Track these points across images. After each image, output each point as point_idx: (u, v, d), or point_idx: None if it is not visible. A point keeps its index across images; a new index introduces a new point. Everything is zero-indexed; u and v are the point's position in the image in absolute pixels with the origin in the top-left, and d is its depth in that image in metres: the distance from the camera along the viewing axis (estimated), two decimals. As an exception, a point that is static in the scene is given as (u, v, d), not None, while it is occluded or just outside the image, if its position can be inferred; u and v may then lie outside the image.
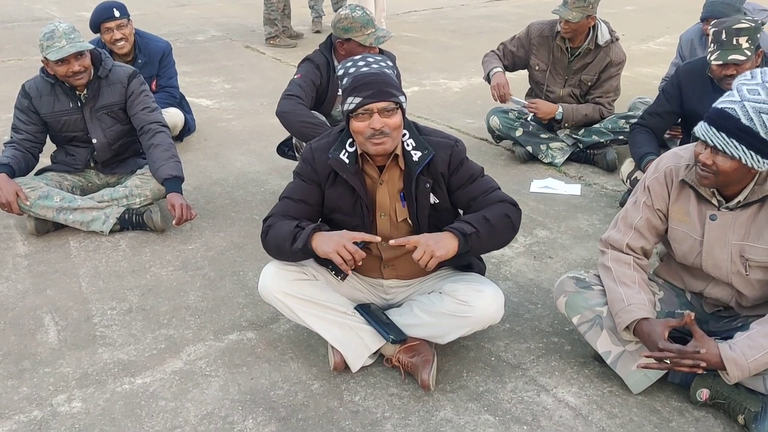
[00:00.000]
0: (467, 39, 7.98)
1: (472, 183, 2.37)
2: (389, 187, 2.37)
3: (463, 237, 2.19)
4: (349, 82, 2.20)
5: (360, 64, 2.22)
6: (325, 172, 2.34)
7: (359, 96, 2.16)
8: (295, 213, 2.38)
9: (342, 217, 2.39)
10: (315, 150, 2.37)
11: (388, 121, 2.18)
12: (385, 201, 2.38)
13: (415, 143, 2.31)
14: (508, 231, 2.31)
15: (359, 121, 2.19)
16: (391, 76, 2.22)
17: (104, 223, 3.45)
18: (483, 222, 2.25)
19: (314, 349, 2.59)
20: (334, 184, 2.35)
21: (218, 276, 3.12)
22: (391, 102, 2.18)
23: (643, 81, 5.87)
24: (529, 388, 2.40)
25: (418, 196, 2.33)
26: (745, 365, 2.06)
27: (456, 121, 5.16)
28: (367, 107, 2.16)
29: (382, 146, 2.21)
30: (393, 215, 2.39)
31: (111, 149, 3.60)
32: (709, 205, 2.23)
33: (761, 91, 1.98)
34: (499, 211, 2.29)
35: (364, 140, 2.21)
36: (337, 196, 2.36)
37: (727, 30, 3.07)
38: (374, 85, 2.16)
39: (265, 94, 5.79)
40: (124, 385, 2.44)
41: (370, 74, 2.18)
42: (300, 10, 8.41)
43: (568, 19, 3.96)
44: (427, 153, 2.30)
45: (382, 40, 3.42)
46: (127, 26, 4.26)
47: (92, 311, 2.87)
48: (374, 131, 2.17)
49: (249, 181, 4.13)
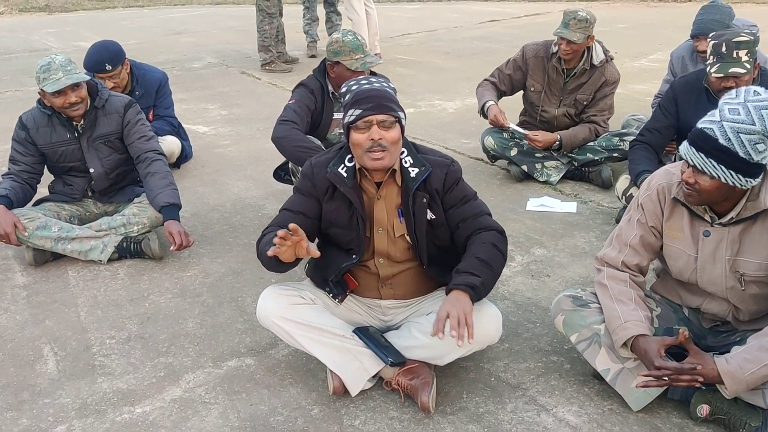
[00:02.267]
0: (461, 60, 8.04)
1: (464, 204, 2.41)
2: (387, 202, 2.40)
3: (472, 290, 2.21)
4: (351, 97, 2.28)
5: (363, 82, 2.31)
6: (324, 186, 2.39)
7: (359, 108, 2.23)
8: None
9: (339, 231, 2.43)
10: (315, 165, 2.42)
11: (386, 134, 2.23)
12: (383, 216, 2.41)
13: (412, 160, 2.37)
14: (500, 263, 2.37)
15: (358, 132, 2.25)
16: (392, 94, 2.31)
17: (102, 252, 3.46)
18: (481, 266, 2.28)
19: (313, 373, 2.58)
20: (332, 198, 2.39)
21: (216, 302, 3.12)
22: (390, 116, 2.24)
23: (637, 98, 5.91)
24: (530, 408, 2.39)
25: (415, 211, 2.37)
26: (742, 378, 2.06)
27: (451, 141, 5.19)
28: (366, 119, 2.22)
29: (380, 162, 2.25)
30: (390, 230, 2.42)
31: (108, 178, 3.62)
32: (702, 221, 2.24)
33: (741, 111, 2.00)
34: (488, 244, 2.33)
35: (362, 153, 2.26)
36: (335, 210, 2.40)
37: (727, 43, 3.09)
38: (375, 99, 2.24)
39: (261, 119, 5.83)
40: (123, 414, 2.43)
41: (371, 89, 2.26)
42: (295, 35, 8.48)
43: (572, 40, 3.99)
44: (424, 169, 2.35)
45: (369, 65, 3.46)
46: (120, 73, 4.24)
47: (91, 341, 2.87)
48: (373, 142, 2.22)
49: (246, 207, 4.14)
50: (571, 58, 4.11)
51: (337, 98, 3.65)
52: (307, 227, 2.40)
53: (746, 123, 1.98)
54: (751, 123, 1.98)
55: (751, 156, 2.00)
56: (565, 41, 4.03)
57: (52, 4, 14.56)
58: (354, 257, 2.43)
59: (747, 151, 1.99)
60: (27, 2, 14.67)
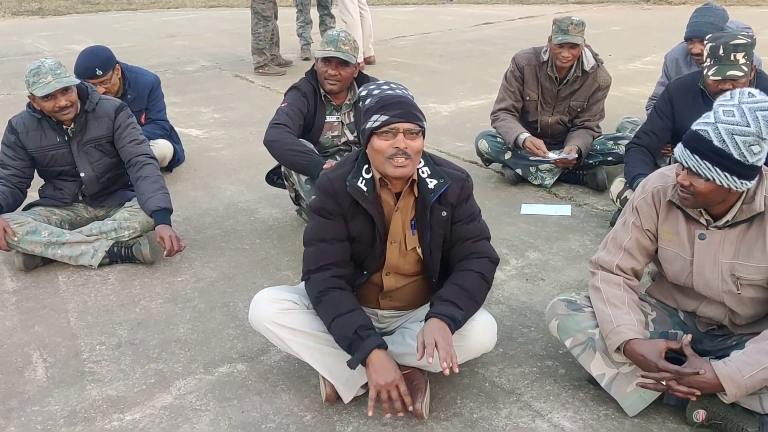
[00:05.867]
0: (455, 63, 8.03)
1: (468, 223, 2.37)
2: (402, 214, 2.35)
3: (453, 323, 2.19)
4: (375, 102, 2.20)
5: (384, 87, 2.24)
6: (347, 202, 2.30)
7: (386, 114, 2.16)
8: (335, 256, 2.32)
9: (360, 247, 2.36)
10: (333, 181, 2.32)
11: (412, 143, 2.18)
12: (398, 228, 2.36)
13: (430, 171, 2.31)
14: (485, 294, 2.36)
15: (383, 139, 2.18)
16: (415, 102, 2.24)
17: (93, 257, 3.43)
18: (465, 297, 2.26)
19: (306, 379, 2.56)
20: (355, 215, 2.32)
21: (208, 308, 3.09)
22: (416, 125, 2.19)
23: (631, 100, 5.90)
24: (524, 413, 2.37)
25: (433, 224, 2.32)
26: (741, 382, 2.04)
27: (446, 144, 5.17)
28: (392, 126, 2.16)
29: (402, 169, 2.19)
30: (403, 243, 2.37)
31: (99, 182, 3.59)
32: (697, 224, 2.22)
33: (736, 112, 1.99)
34: (477, 274, 2.32)
35: (384, 160, 2.19)
36: (359, 227, 2.33)
37: (724, 46, 3.07)
38: (402, 105, 2.17)
39: (254, 123, 5.80)
40: (113, 422, 2.40)
41: (396, 96, 2.20)
42: (288, 38, 8.46)
43: (577, 44, 3.97)
44: (443, 182, 2.30)
45: (324, 54, 3.46)
46: (111, 78, 4.21)
47: (81, 347, 2.84)
48: (397, 150, 2.16)
49: (239, 211, 4.11)
50: (570, 64, 4.08)
51: (329, 100, 3.63)
52: (345, 252, 2.34)
53: (741, 125, 1.97)
54: (746, 125, 1.96)
55: (746, 158, 1.98)
56: (567, 47, 4.00)
57: (45, 7, 14.51)
58: (365, 273, 2.39)
59: (742, 153, 1.98)
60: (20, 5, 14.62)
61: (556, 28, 4.00)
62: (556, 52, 4.04)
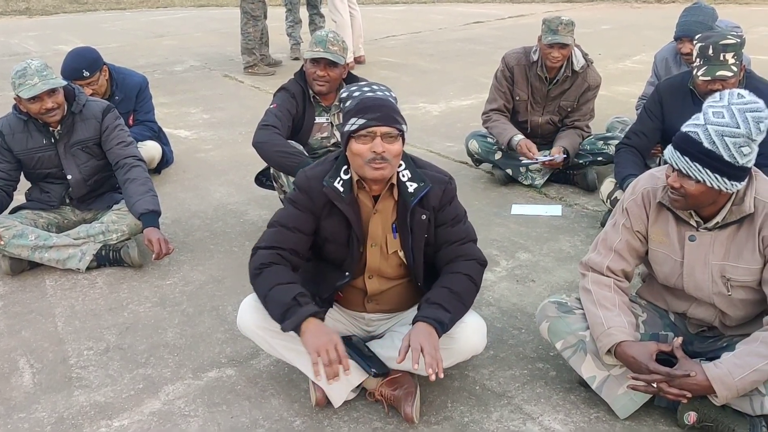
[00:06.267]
0: (446, 62, 8.01)
1: (453, 226, 2.36)
2: (382, 217, 2.33)
3: (440, 326, 2.17)
4: (354, 104, 2.18)
5: (365, 89, 2.23)
6: (322, 201, 2.29)
7: (363, 117, 2.15)
8: (290, 243, 2.31)
9: (334, 247, 2.35)
10: (311, 178, 2.31)
11: (390, 147, 2.16)
12: (378, 231, 2.34)
13: (411, 174, 2.30)
14: (473, 296, 2.34)
15: (360, 143, 2.16)
16: (396, 105, 2.22)
17: (80, 261, 3.40)
18: (453, 300, 2.24)
19: (295, 384, 2.54)
20: (330, 215, 2.31)
21: (197, 311, 3.07)
22: (395, 128, 2.17)
23: (621, 100, 5.90)
24: (515, 416, 2.36)
25: (413, 228, 2.30)
26: (732, 384, 2.04)
27: (436, 144, 5.15)
28: (370, 129, 2.14)
29: (380, 171, 2.18)
30: (384, 246, 2.36)
31: (86, 185, 3.56)
32: (687, 226, 2.22)
33: (725, 113, 1.98)
34: (465, 277, 2.30)
35: (362, 163, 2.18)
36: (332, 227, 2.32)
37: (714, 46, 3.06)
38: (381, 109, 2.16)
39: (243, 123, 5.77)
40: (100, 428, 2.38)
41: (376, 98, 2.18)
42: (278, 37, 8.42)
43: (567, 44, 3.96)
44: (424, 186, 2.28)
45: (310, 55, 3.45)
46: (98, 79, 4.17)
47: (68, 352, 2.81)
48: (375, 155, 2.15)
49: (228, 213, 4.09)
50: (560, 64, 4.07)
51: (318, 102, 3.61)
52: (302, 244, 2.34)
53: (731, 126, 1.96)
54: (736, 126, 1.96)
55: (736, 159, 1.98)
56: (557, 47, 3.99)
57: (32, 6, 14.39)
58: (347, 275, 2.37)
59: (732, 154, 1.97)
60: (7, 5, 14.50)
61: (545, 28, 3.99)
62: (545, 52, 4.03)
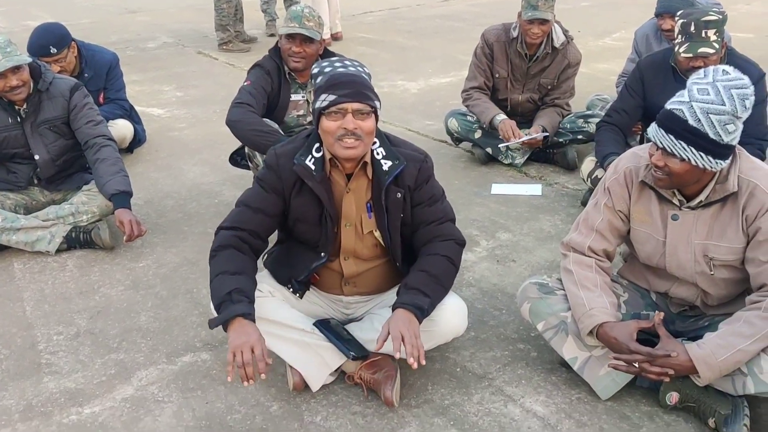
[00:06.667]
0: (424, 39, 7.92)
1: (430, 205, 2.30)
2: (356, 196, 2.27)
3: (420, 312, 2.12)
4: (324, 80, 2.12)
5: (337, 65, 2.16)
6: (291, 180, 2.23)
7: (334, 94, 2.08)
8: (251, 224, 2.26)
9: (306, 227, 2.29)
10: (280, 156, 2.25)
11: (362, 124, 2.10)
12: (351, 211, 2.28)
13: (385, 152, 2.24)
14: (453, 278, 2.29)
15: (331, 120, 2.10)
16: (368, 81, 2.16)
17: (50, 243, 3.30)
18: (432, 283, 2.20)
19: (272, 368, 2.45)
20: (300, 193, 2.25)
21: (171, 294, 3.00)
22: (367, 105, 2.11)
23: (600, 77, 5.86)
24: (496, 398, 2.33)
25: (389, 206, 2.25)
26: (715, 364, 2.03)
27: (414, 123, 5.09)
28: (341, 106, 2.08)
29: (352, 150, 2.12)
30: (359, 226, 2.30)
31: (55, 165, 3.45)
32: (670, 205, 2.19)
33: (711, 90, 1.94)
34: (443, 258, 2.25)
35: (333, 141, 2.12)
36: (303, 205, 2.26)
37: (696, 22, 3.02)
38: (351, 85, 2.09)
39: (218, 101, 5.64)
40: (71, 416, 2.31)
41: (347, 74, 2.12)
42: (254, 13, 8.26)
43: (547, 19, 3.89)
44: (398, 163, 2.23)
45: (288, 30, 3.36)
46: (66, 56, 4.03)
47: (37, 337, 2.73)
48: (346, 131, 2.08)
49: (202, 193, 4.00)
50: (540, 41, 4.01)
51: (294, 78, 3.52)
52: (265, 225, 2.29)
53: (716, 103, 1.92)
54: (721, 103, 1.92)
55: (721, 137, 1.95)
56: (537, 23, 3.92)
57: (0, -19, 13.99)
58: (322, 255, 2.31)
59: (717, 132, 1.94)
60: (-27, -21, 14.08)
61: (525, 4, 3.92)
62: (525, 28, 3.97)
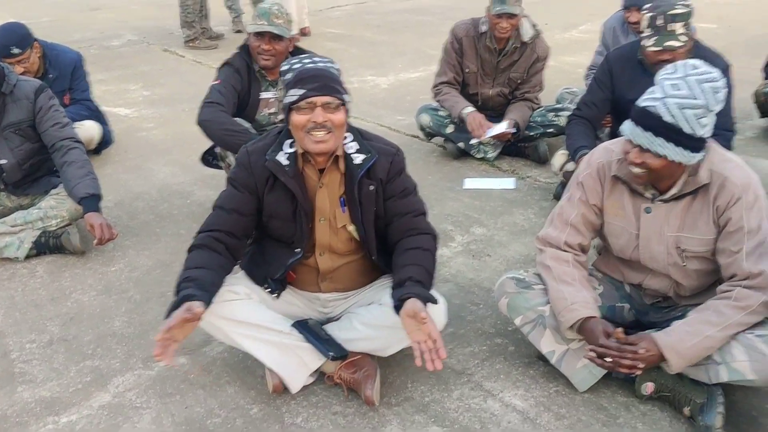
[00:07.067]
0: (393, 34, 7.92)
1: (403, 198, 2.31)
2: (329, 191, 2.27)
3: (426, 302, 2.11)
4: (293, 76, 2.13)
5: (306, 61, 2.18)
6: (263, 176, 2.23)
7: (302, 88, 2.10)
8: (227, 225, 2.25)
9: (280, 223, 2.29)
10: (251, 153, 2.25)
11: (332, 116, 2.11)
12: (325, 205, 2.28)
13: (357, 146, 2.25)
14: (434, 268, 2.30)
15: (300, 114, 2.11)
16: (337, 75, 2.18)
17: (19, 249, 3.24)
18: (428, 275, 2.20)
19: (251, 370, 2.47)
20: (273, 190, 2.24)
21: (144, 298, 2.96)
22: (335, 98, 2.12)
23: (568, 70, 5.92)
24: (476, 394, 2.35)
25: (362, 200, 2.26)
26: (684, 351, 2.06)
27: (385, 118, 5.08)
28: (309, 100, 2.09)
29: (323, 144, 2.12)
30: (333, 220, 2.30)
31: (21, 169, 3.38)
32: (643, 198, 2.22)
33: (683, 85, 1.97)
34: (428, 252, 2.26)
35: (303, 135, 2.13)
36: (276, 202, 2.25)
37: (663, 16, 3.03)
38: (319, 79, 2.11)
39: (186, 100, 5.58)
40: (47, 425, 2.27)
41: (315, 69, 2.14)
42: (220, 9, 8.17)
43: (515, 14, 3.91)
44: (370, 157, 2.24)
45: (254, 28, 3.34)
46: (30, 56, 3.94)
47: (9, 346, 2.68)
48: (315, 124, 2.09)
49: (173, 194, 3.95)
50: (508, 35, 4.03)
51: (264, 76, 3.50)
52: (242, 225, 2.28)
53: (689, 98, 1.95)
54: (694, 97, 1.95)
55: (695, 131, 1.98)
56: (506, 17, 3.94)
57: (-45, -21, 13.65)
58: (297, 251, 2.30)
59: (691, 126, 1.97)
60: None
61: None
62: (494, 22, 3.99)
